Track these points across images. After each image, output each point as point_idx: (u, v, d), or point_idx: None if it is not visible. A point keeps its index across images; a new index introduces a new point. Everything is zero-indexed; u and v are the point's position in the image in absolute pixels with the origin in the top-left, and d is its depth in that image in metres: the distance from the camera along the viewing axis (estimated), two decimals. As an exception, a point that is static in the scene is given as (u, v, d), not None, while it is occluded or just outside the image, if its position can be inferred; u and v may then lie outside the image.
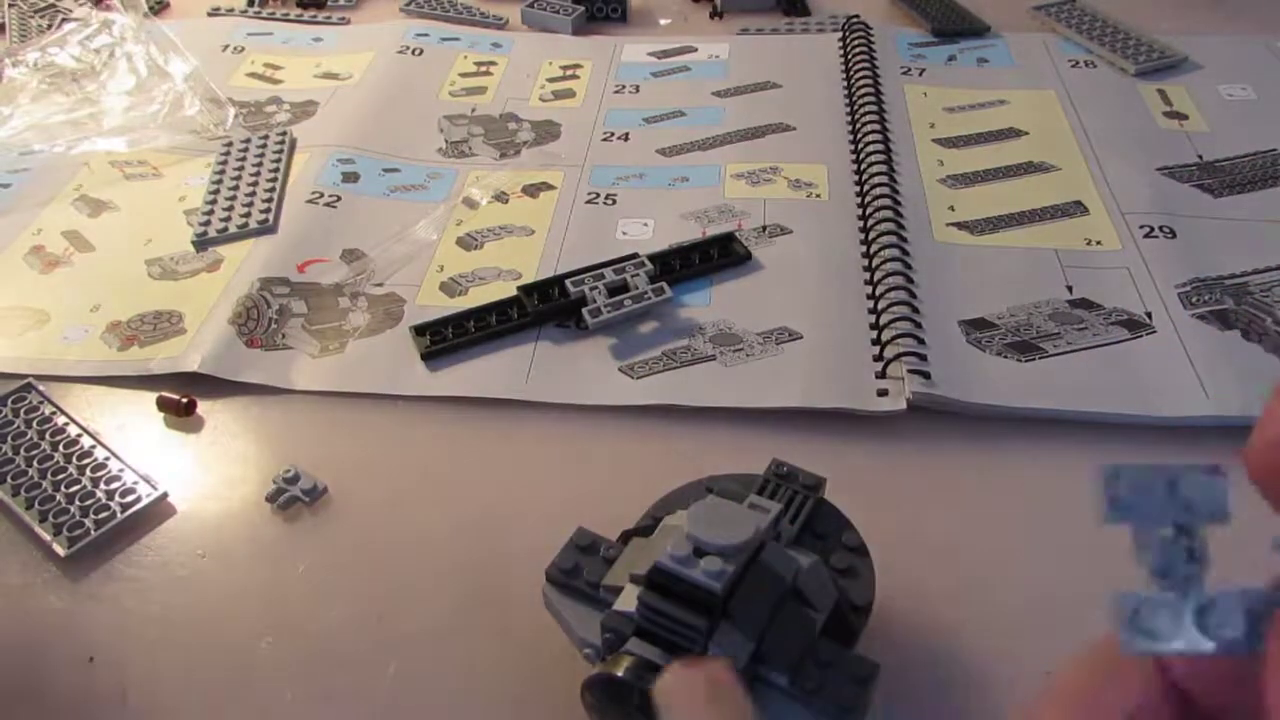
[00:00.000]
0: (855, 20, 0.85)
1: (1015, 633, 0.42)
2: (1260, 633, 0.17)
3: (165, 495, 0.49)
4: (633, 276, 0.59)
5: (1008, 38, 0.85)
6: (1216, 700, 0.18)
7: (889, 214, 0.63)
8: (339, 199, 0.68)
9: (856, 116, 0.74)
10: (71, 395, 0.54)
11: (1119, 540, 0.18)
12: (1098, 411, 0.51)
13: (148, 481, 0.49)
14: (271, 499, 0.48)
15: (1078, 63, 0.81)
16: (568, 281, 0.58)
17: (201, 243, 0.65)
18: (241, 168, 0.70)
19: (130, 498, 0.48)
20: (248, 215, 0.66)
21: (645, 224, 0.66)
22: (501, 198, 0.68)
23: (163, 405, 0.53)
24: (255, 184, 0.69)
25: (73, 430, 0.51)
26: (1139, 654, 0.18)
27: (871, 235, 0.62)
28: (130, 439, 0.52)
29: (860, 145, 0.71)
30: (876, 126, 0.72)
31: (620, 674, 0.33)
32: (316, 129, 0.76)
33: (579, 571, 0.39)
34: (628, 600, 0.35)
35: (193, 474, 0.50)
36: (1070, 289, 0.59)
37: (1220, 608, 0.18)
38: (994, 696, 0.40)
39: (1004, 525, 0.47)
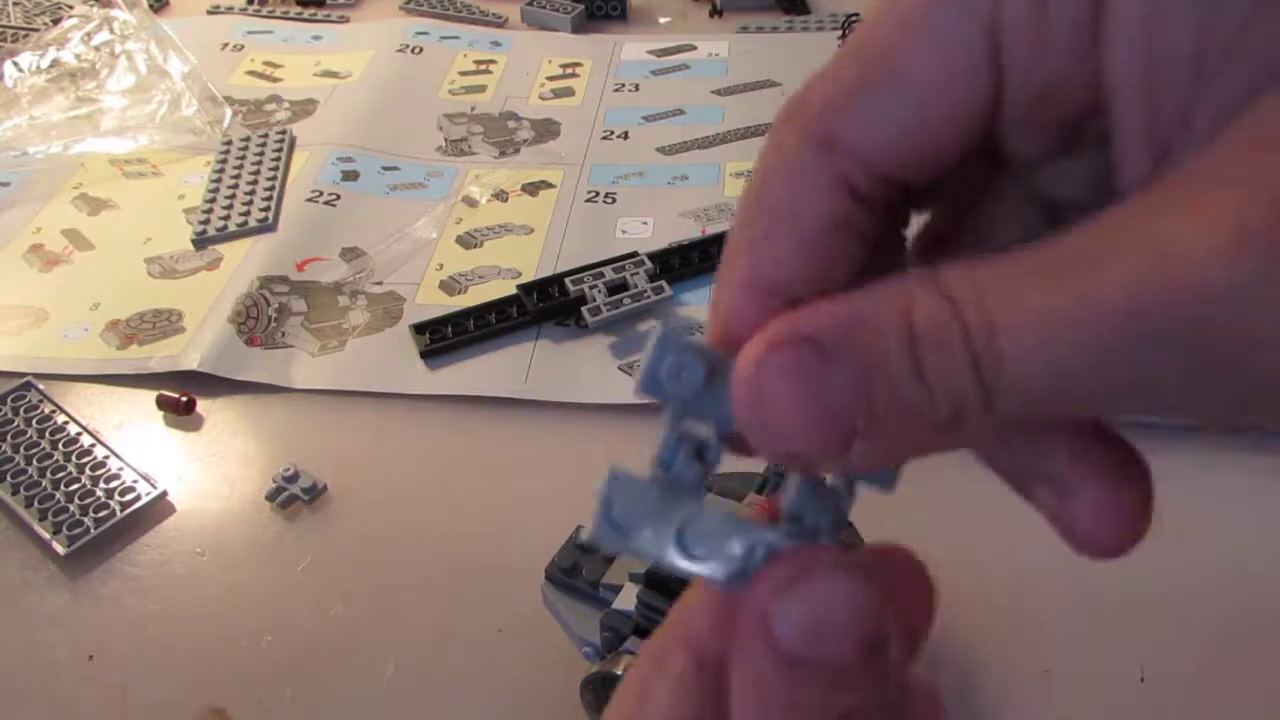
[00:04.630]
0: (855, 18, 0.85)
1: (1012, 632, 0.42)
2: (748, 575, 0.16)
3: (165, 494, 0.49)
4: (632, 275, 0.59)
5: (1007, 36, 0.85)
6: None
7: (888, 212, 0.63)
8: (338, 197, 0.68)
9: (856, 115, 0.74)
10: (71, 394, 0.54)
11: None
12: (1097, 410, 0.51)
13: (147, 480, 0.49)
14: (271, 497, 0.48)
15: (1077, 61, 0.81)
16: (567, 280, 0.58)
17: (201, 241, 0.65)
18: (241, 166, 0.70)
19: (130, 496, 0.48)
20: (247, 214, 0.66)
21: (645, 222, 0.66)
22: (501, 196, 0.68)
23: (162, 404, 0.53)
24: (255, 182, 0.69)
25: (72, 429, 0.51)
26: (607, 548, 0.16)
27: (871, 234, 0.62)
28: (130, 437, 0.52)
29: (860, 144, 0.71)
30: (876, 125, 0.71)
31: (619, 672, 0.33)
32: (316, 127, 0.76)
33: (578, 570, 0.39)
34: (627, 599, 0.35)
35: (192, 472, 0.50)
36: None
37: (709, 533, 0.16)
38: (990, 696, 0.40)
39: (1003, 525, 0.47)
